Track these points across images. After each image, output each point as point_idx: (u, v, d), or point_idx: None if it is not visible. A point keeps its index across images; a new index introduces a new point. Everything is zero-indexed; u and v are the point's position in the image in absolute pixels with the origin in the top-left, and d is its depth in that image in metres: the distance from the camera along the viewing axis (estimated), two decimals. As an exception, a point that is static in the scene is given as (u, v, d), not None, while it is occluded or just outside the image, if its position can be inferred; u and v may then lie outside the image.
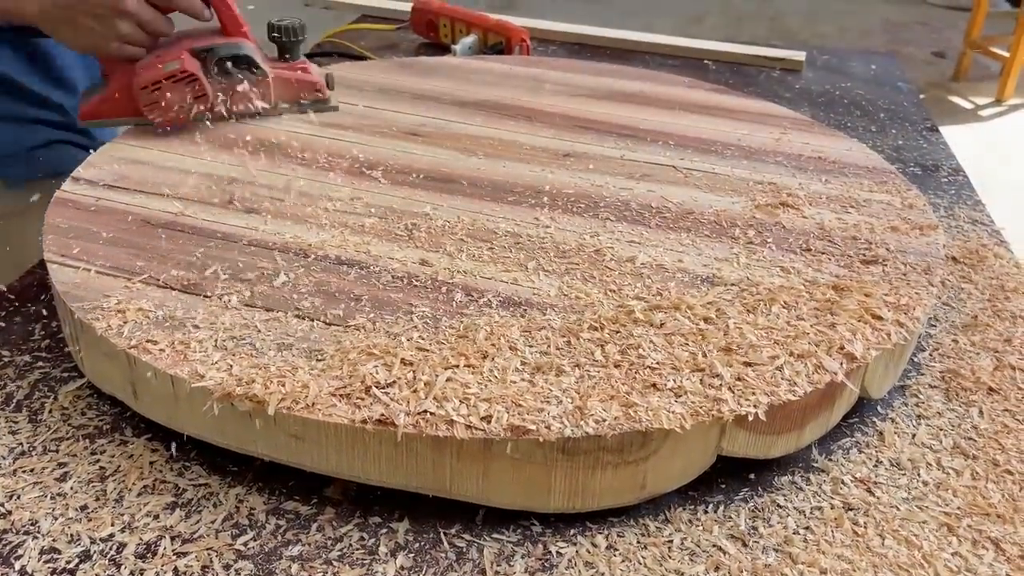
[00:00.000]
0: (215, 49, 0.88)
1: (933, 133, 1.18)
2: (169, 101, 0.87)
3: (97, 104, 0.89)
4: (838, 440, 0.64)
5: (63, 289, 0.64)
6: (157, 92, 0.86)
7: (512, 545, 0.54)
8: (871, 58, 1.48)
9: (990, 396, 0.68)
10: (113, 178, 0.80)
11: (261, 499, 0.57)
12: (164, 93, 0.86)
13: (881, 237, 0.76)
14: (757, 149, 0.93)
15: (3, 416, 0.62)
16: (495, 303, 0.64)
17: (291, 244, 0.71)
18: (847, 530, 0.56)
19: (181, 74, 0.86)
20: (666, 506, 0.57)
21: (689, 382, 0.57)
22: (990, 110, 3.77)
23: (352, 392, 0.55)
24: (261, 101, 0.93)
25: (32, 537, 0.53)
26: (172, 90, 0.86)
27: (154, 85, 0.86)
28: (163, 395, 0.57)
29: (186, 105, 0.88)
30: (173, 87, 0.86)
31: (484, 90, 1.06)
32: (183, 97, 0.87)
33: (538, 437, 0.52)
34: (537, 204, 0.79)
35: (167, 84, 0.86)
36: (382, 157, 0.87)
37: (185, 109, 0.88)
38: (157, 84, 0.86)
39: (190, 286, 0.65)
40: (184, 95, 0.87)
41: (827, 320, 0.64)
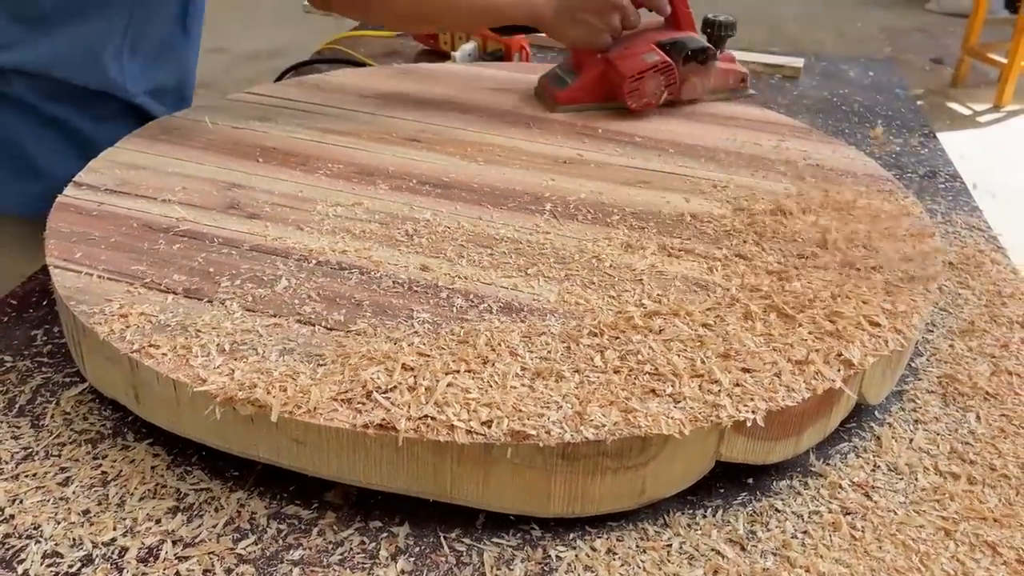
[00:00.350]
0: (683, 42, 1.00)
1: (930, 140, 1.18)
2: (647, 89, 0.99)
3: (574, 91, 1.01)
4: (836, 445, 0.64)
5: (65, 294, 0.64)
6: (639, 81, 0.98)
7: (512, 549, 0.55)
8: (869, 65, 1.49)
9: (987, 401, 0.68)
10: (115, 183, 0.81)
11: (262, 503, 0.57)
12: (645, 82, 0.98)
13: (878, 244, 0.76)
14: (756, 156, 0.93)
15: (6, 421, 0.62)
16: (495, 309, 0.65)
17: (292, 249, 0.71)
18: (845, 534, 0.56)
19: (663, 65, 0.98)
20: (665, 511, 0.58)
21: (688, 388, 0.57)
22: (988, 116, 3.78)
23: (353, 397, 0.55)
24: (703, 88, 1.03)
25: (35, 541, 0.53)
26: (652, 79, 0.98)
27: (639, 74, 0.97)
28: (165, 399, 0.58)
29: (659, 91, 0.99)
30: (654, 76, 0.98)
31: (484, 97, 1.07)
32: (659, 85, 0.99)
33: (538, 442, 0.52)
34: (537, 210, 0.80)
35: (649, 74, 0.98)
36: (383, 163, 0.88)
37: (657, 96, 1.00)
38: (642, 74, 0.97)
39: (192, 291, 0.65)
40: (659, 83, 0.99)
41: (825, 327, 0.64)
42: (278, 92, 1.06)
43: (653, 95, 0.99)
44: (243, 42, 3.45)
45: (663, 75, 0.98)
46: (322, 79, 1.11)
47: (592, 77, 1.00)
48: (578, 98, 1.01)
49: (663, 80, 0.98)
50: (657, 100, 1.00)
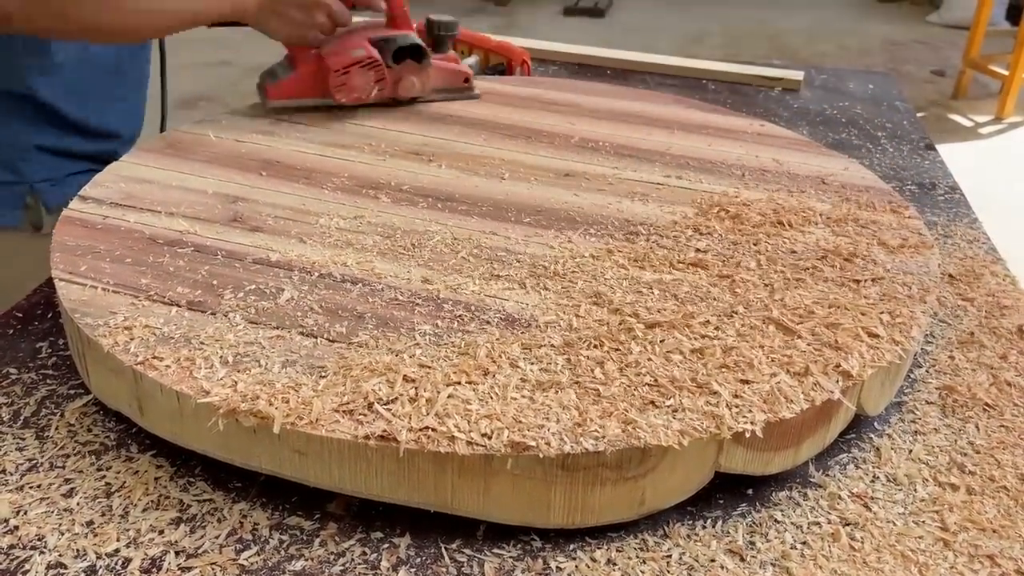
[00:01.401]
0: (393, 39, 1.02)
1: (930, 152, 1.19)
2: (355, 84, 1.00)
3: (286, 86, 1.02)
4: (835, 456, 0.64)
5: (70, 306, 0.65)
6: (346, 75, 0.99)
7: (512, 560, 0.55)
8: (869, 77, 1.50)
9: (986, 412, 0.69)
10: (120, 196, 0.81)
11: (264, 514, 0.57)
12: (352, 77, 1.00)
13: (878, 256, 0.77)
14: (755, 168, 0.94)
15: (10, 433, 0.63)
16: (496, 320, 0.65)
17: (295, 262, 0.72)
18: (844, 545, 0.56)
19: (368, 60, 1.00)
20: (665, 521, 0.58)
21: (687, 399, 0.57)
22: (990, 128, 3.79)
23: (355, 408, 0.55)
24: (421, 87, 1.05)
25: (39, 552, 0.54)
26: (359, 74, 1.00)
27: (345, 69, 0.99)
28: (169, 411, 0.58)
29: (368, 87, 1.01)
30: (360, 71, 1.00)
31: (485, 110, 1.08)
32: (367, 81, 1.01)
33: (538, 453, 0.53)
34: (537, 223, 0.80)
35: (355, 69, 1.00)
36: (385, 176, 0.89)
37: (367, 91, 1.02)
38: (348, 68, 0.99)
39: (196, 303, 0.66)
40: (368, 79, 1.01)
41: (823, 338, 0.64)
42: (281, 106, 1.06)
43: (363, 90, 1.01)
44: (248, 56, 3.47)
45: (371, 70, 1.00)
46: (325, 93, 1.12)
47: (304, 72, 1.01)
48: (289, 92, 1.02)
49: (372, 75, 1.01)
50: (367, 95, 1.02)
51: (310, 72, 1.01)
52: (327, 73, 0.99)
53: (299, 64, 1.02)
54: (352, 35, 1.02)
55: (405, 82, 1.04)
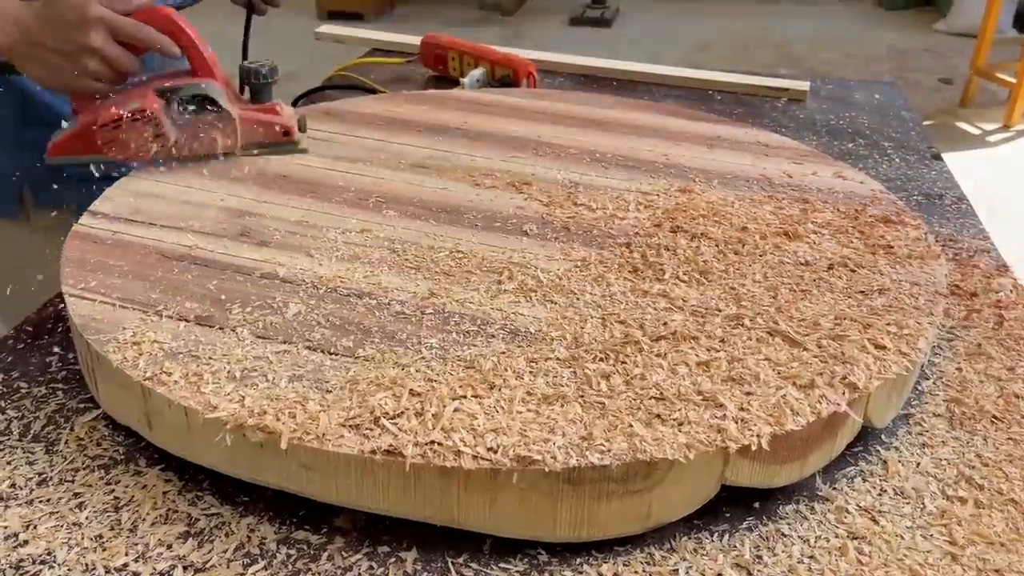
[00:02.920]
0: (179, 89, 0.89)
1: (937, 161, 1.19)
2: (127, 139, 0.87)
3: (64, 141, 0.90)
4: (842, 469, 0.64)
5: (80, 321, 0.65)
6: (116, 130, 0.86)
7: (519, 574, 0.55)
8: (875, 87, 1.50)
9: (994, 425, 0.68)
10: (129, 212, 0.82)
11: (272, 528, 0.58)
12: (123, 131, 0.87)
13: (884, 266, 0.77)
14: (761, 179, 0.94)
15: (21, 447, 0.63)
16: (502, 334, 0.66)
17: (302, 276, 0.72)
18: (852, 559, 0.56)
19: (140, 113, 0.86)
20: (671, 535, 0.58)
21: (693, 412, 0.57)
22: (997, 136, 3.78)
23: (361, 423, 0.56)
24: (226, 142, 0.92)
25: (48, 567, 0.54)
26: (131, 128, 0.87)
27: (114, 123, 0.86)
28: (177, 426, 0.59)
29: (145, 144, 0.88)
30: (132, 126, 0.87)
31: (492, 122, 1.08)
32: (142, 136, 0.87)
33: (544, 467, 0.53)
34: (544, 235, 0.81)
35: (127, 123, 0.86)
36: (392, 189, 0.89)
37: (144, 148, 0.88)
38: (117, 122, 0.86)
39: (204, 318, 0.66)
40: (143, 134, 0.87)
41: (830, 350, 0.64)
42: (289, 120, 1.07)
43: (139, 146, 0.87)
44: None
45: (146, 124, 0.87)
46: (332, 106, 1.13)
47: (83, 125, 0.88)
48: (68, 149, 0.89)
49: (149, 130, 0.87)
50: (147, 153, 0.88)
51: (87, 125, 0.87)
52: (91, 126, 0.86)
53: (80, 116, 0.89)
54: (144, 84, 0.89)
55: (206, 137, 0.91)
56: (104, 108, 0.87)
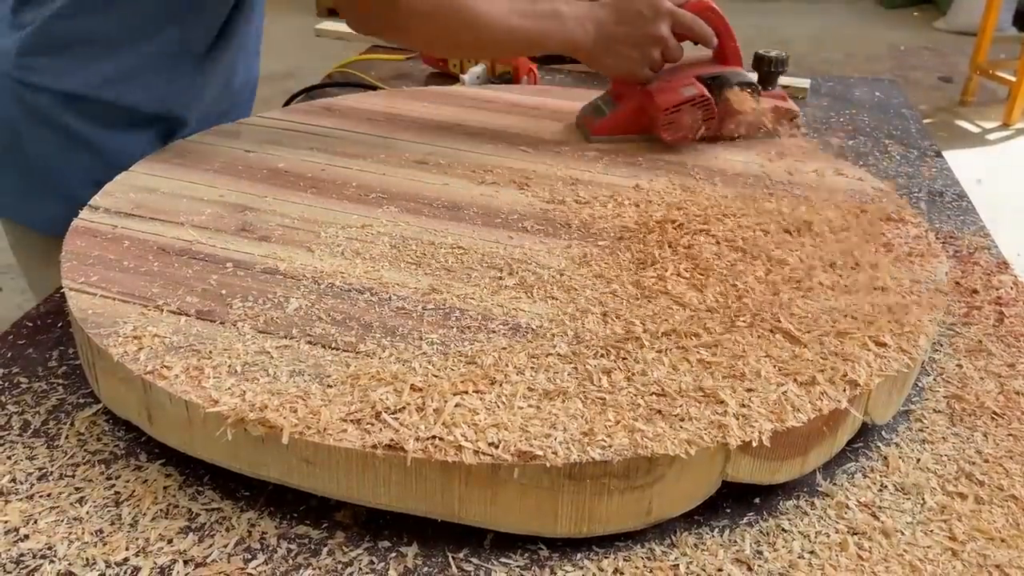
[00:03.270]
0: (724, 76, 0.99)
1: (937, 159, 1.19)
2: (683, 123, 0.97)
3: (610, 122, 1.02)
4: (843, 465, 0.64)
5: (80, 316, 0.65)
6: (676, 114, 0.97)
7: (519, 569, 0.55)
8: (875, 84, 1.50)
9: (994, 421, 0.68)
10: (130, 206, 0.82)
11: (272, 523, 0.58)
12: (681, 115, 0.97)
13: (884, 263, 0.77)
14: (763, 176, 0.94)
15: (21, 441, 0.63)
16: (503, 329, 0.66)
17: (303, 271, 0.72)
18: (852, 554, 0.56)
19: (699, 99, 0.97)
20: (672, 531, 0.58)
21: (694, 408, 0.57)
22: (997, 134, 3.79)
23: (363, 418, 0.56)
24: (748, 126, 1.01)
25: (48, 561, 0.54)
26: (688, 113, 0.97)
27: (675, 108, 0.97)
28: (178, 420, 0.58)
29: (696, 126, 0.98)
30: (690, 110, 0.97)
31: (493, 119, 1.08)
32: (695, 119, 0.97)
33: (545, 463, 0.53)
34: (545, 231, 0.81)
35: (685, 107, 0.97)
36: (392, 185, 0.89)
37: (694, 130, 0.98)
38: (677, 107, 0.97)
39: (205, 313, 0.66)
40: (697, 118, 0.97)
41: (831, 347, 0.64)
42: (289, 116, 1.07)
43: (689, 129, 0.98)
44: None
45: (700, 109, 0.97)
46: (332, 103, 1.13)
47: (629, 109, 1.01)
48: (613, 129, 1.01)
49: (700, 114, 0.97)
50: (694, 134, 0.99)
51: (635, 108, 1.00)
52: (655, 111, 0.97)
53: (624, 101, 1.01)
54: (679, 71, 0.99)
55: (731, 120, 1.00)
56: (659, 93, 0.97)
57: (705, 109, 0.97)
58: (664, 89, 0.98)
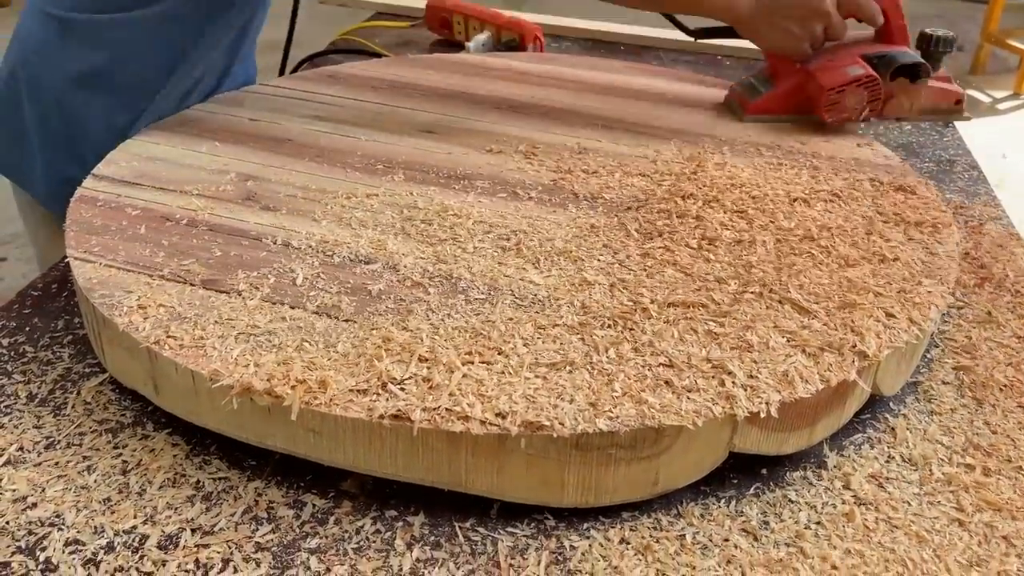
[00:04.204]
0: (891, 57, 0.94)
1: (948, 128, 1.17)
2: (847, 104, 0.93)
3: (767, 101, 0.97)
4: (850, 436, 0.64)
5: (85, 285, 0.65)
6: (840, 95, 0.92)
7: (526, 539, 0.55)
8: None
9: (1003, 392, 0.68)
10: (133, 175, 0.81)
11: (279, 492, 0.58)
12: (846, 96, 0.93)
13: (895, 234, 0.76)
14: (771, 146, 0.93)
15: (28, 411, 0.63)
16: (510, 300, 0.65)
17: (308, 241, 0.72)
18: (858, 525, 0.56)
19: (867, 79, 0.92)
20: (679, 501, 0.58)
21: (702, 379, 0.57)
22: (1008, 103, 3.75)
23: (369, 388, 0.55)
24: (911, 108, 0.97)
25: (57, 529, 0.54)
26: (853, 94, 0.93)
27: (840, 88, 0.92)
28: (184, 390, 0.58)
29: (860, 108, 0.94)
30: (855, 91, 0.92)
31: (498, 87, 1.07)
32: (860, 100, 0.93)
33: (552, 433, 0.53)
34: (552, 201, 0.80)
35: (851, 88, 0.92)
36: (398, 154, 0.88)
37: (858, 111, 0.94)
38: (843, 87, 0.92)
39: (210, 282, 0.66)
40: (862, 99, 0.93)
41: (840, 318, 0.64)
42: (293, 84, 1.06)
43: (853, 110, 0.94)
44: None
45: (867, 90, 0.93)
46: (337, 70, 1.12)
47: (787, 88, 0.97)
48: (770, 108, 0.98)
49: (866, 95, 0.93)
50: (857, 116, 0.95)
51: (793, 88, 0.96)
52: (817, 91, 0.93)
53: (781, 79, 0.97)
54: (840, 49, 0.95)
55: (894, 102, 0.95)
56: (823, 73, 0.93)
57: (871, 90, 0.93)
58: (827, 68, 0.93)
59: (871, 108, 0.94)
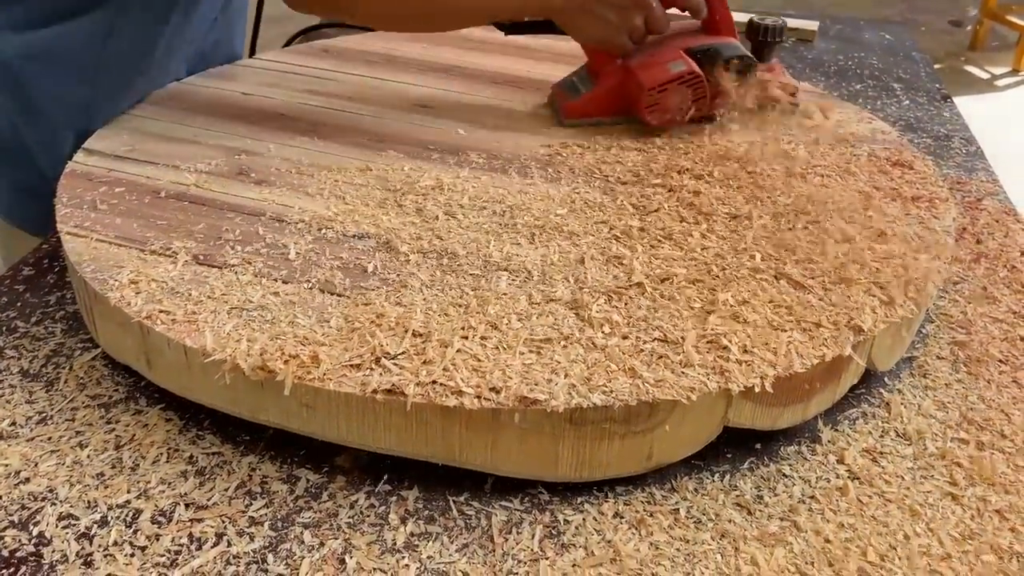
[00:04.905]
0: (717, 49, 0.86)
1: (946, 103, 1.17)
2: (670, 103, 0.85)
3: (585, 103, 0.89)
4: (845, 411, 0.64)
5: (77, 260, 0.65)
6: (663, 94, 0.84)
7: (520, 513, 0.55)
8: (885, 28, 1.47)
9: (998, 367, 0.68)
10: (124, 149, 0.81)
11: (273, 467, 0.58)
12: (669, 95, 0.84)
13: (892, 209, 0.76)
14: (768, 120, 0.92)
15: (20, 386, 0.63)
16: (505, 275, 0.65)
17: (301, 215, 0.71)
18: (852, 499, 0.56)
19: (689, 76, 0.84)
20: (673, 475, 0.58)
21: (696, 354, 0.57)
22: (1007, 80, 3.73)
23: (363, 362, 0.55)
24: (740, 101, 0.87)
25: (50, 503, 0.54)
26: (676, 93, 0.84)
27: (661, 87, 0.84)
28: (177, 365, 0.58)
29: (684, 107, 0.86)
30: (678, 89, 0.84)
31: (494, 61, 1.06)
32: (684, 99, 0.85)
33: (546, 408, 0.53)
34: (547, 175, 0.79)
35: (673, 86, 0.84)
36: (392, 129, 0.87)
37: (683, 111, 0.86)
38: (664, 86, 0.84)
39: (202, 257, 0.66)
40: (686, 97, 0.85)
41: (835, 293, 0.64)
42: (286, 58, 1.05)
43: (678, 110, 0.85)
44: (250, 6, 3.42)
45: (690, 88, 0.84)
46: (330, 44, 1.11)
47: (607, 87, 0.88)
48: (588, 111, 0.89)
49: (690, 93, 0.85)
50: (682, 116, 0.86)
51: (614, 86, 0.88)
52: (637, 90, 0.85)
53: (602, 79, 0.89)
54: (663, 44, 0.87)
55: (721, 99, 0.87)
56: (642, 70, 0.85)
57: (695, 88, 0.85)
58: (648, 65, 0.85)
59: (696, 107, 0.86)
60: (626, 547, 0.52)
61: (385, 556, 0.52)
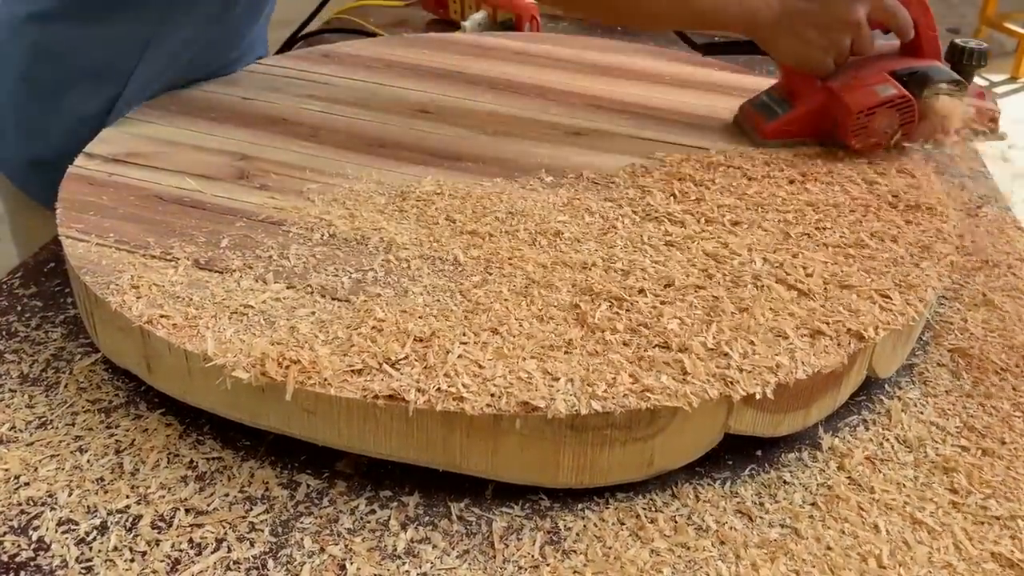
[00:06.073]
0: (924, 73, 0.83)
1: (946, 111, 1.17)
2: (876, 127, 0.83)
3: (786, 123, 0.87)
4: (845, 418, 0.64)
5: (77, 264, 0.64)
6: (870, 117, 0.82)
7: (521, 519, 0.55)
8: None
9: (998, 375, 0.68)
10: (126, 153, 0.81)
11: (274, 473, 0.57)
12: (876, 119, 0.82)
13: (892, 216, 0.76)
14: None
15: (20, 390, 0.63)
16: (505, 280, 0.65)
17: (302, 220, 0.71)
18: (853, 506, 0.56)
19: (900, 100, 0.82)
20: (673, 482, 0.58)
21: (698, 360, 0.57)
22: (1005, 88, 3.74)
23: (364, 368, 0.55)
24: (944, 128, 0.84)
25: (49, 508, 0.54)
26: (885, 116, 0.82)
27: (869, 110, 0.82)
28: (177, 370, 0.58)
29: (891, 131, 0.83)
30: (886, 113, 0.82)
31: (494, 67, 1.06)
32: (892, 123, 0.83)
33: (547, 414, 0.52)
34: (548, 183, 0.80)
35: (881, 110, 0.82)
36: (392, 134, 0.88)
37: (888, 136, 0.83)
38: (873, 109, 0.82)
39: (203, 261, 0.66)
40: (893, 121, 0.82)
41: (836, 300, 0.64)
42: (287, 62, 1.05)
43: (883, 135, 0.83)
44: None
45: (899, 112, 0.82)
46: (331, 49, 1.11)
47: (809, 109, 0.86)
48: (789, 132, 0.87)
49: (898, 118, 0.82)
50: (887, 141, 0.83)
51: (816, 108, 0.85)
52: (844, 113, 0.82)
53: (800, 98, 0.86)
54: (865, 65, 0.84)
55: (926, 123, 0.83)
56: (848, 92, 0.82)
57: (904, 112, 0.82)
58: (853, 87, 0.83)
59: (904, 132, 0.84)
60: (627, 553, 0.52)
61: (386, 562, 0.52)
